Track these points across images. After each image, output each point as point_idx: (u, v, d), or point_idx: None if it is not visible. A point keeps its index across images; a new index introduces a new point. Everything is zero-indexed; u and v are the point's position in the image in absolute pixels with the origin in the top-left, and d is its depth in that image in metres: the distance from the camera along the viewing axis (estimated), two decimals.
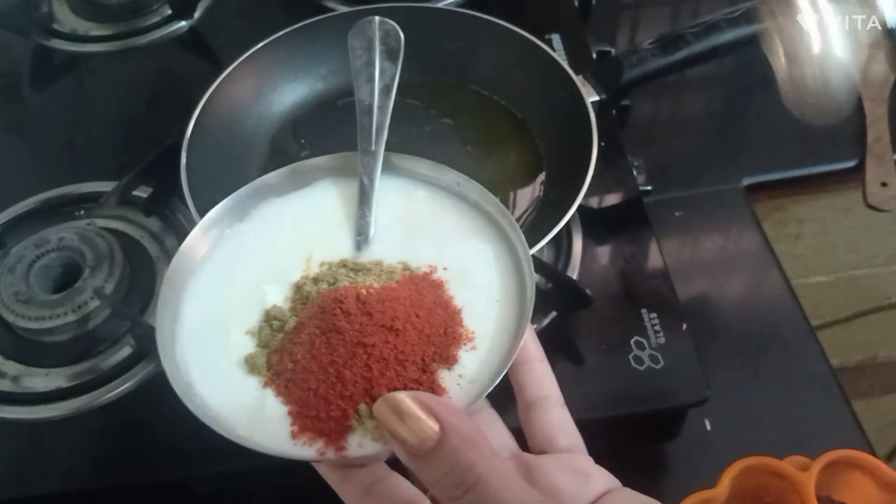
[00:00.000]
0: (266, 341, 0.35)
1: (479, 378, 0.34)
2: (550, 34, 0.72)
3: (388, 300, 0.34)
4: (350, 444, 0.32)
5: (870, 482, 0.48)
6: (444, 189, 0.41)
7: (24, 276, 0.57)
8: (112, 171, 0.64)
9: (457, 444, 0.27)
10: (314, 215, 0.41)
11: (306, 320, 0.35)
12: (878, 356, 0.94)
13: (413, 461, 0.28)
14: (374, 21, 0.47)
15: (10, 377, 0.55)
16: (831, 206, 0.74)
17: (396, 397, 0.29)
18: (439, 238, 0.39)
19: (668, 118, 0.80)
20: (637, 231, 0.62)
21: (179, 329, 0.36)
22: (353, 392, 0.32)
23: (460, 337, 0.35)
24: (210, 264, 0.39)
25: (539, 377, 0.37)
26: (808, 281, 0.82)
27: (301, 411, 0.33)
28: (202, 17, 0.82)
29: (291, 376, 0.34)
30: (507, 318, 0.36)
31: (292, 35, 0.64)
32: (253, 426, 0.33)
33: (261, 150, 0.63)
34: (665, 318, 0.56)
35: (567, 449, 0.36)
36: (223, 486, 0.55)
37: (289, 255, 0.39)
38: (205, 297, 0.37)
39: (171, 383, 0.33)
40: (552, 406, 0.37)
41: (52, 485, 0.52)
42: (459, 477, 0.27)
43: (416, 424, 0.28)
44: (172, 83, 0.78)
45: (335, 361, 0.33)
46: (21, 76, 0.82)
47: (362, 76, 0.45)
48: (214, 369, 0.35)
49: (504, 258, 0.38)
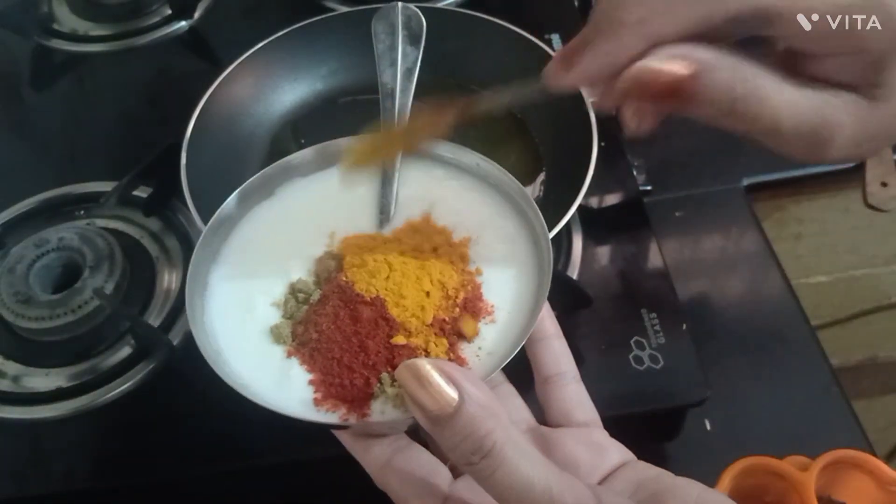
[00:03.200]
0: (291, 313, 0.36)
1: (497, 350, 0.35)
2: (550, 34, 0.72)
3: (410, 273, 0.36)
4: (373, 411, 0.33)
5: (870, 482, 0.48)
6: (463, 170, 0.42)
7: (24, 276, 0.57)
8: (112, 171, 0.64)
9: (475, 412, 0.28)
10: (337, 194, 0.42)
11: (330, 293, 0.36)
12: (878, 356, 0.94)
13: (432, 427, 0.29)
14: (398, 6, 0.48)
15: (10, 377, 0.55)
16: (831, 206, 0.74)
17: (417, 363, 0.29)
18: (459, 215, 0.40)
19: (668, 118, 0.80)
20: (637, 231, 0.62)
21: (208, 301, 0.37)
22: (375, 361, 0.34)
23: (480, 310, 0.36)
24: (237, 239, 0.40)
25: (556, 353, 0.38)
26: (808, 281, 0.82)
27: (325, 379, 0.34)
28: (202, 17, 0.82)
29: (316, 346, 0.35)
30: (525, 293, 0.36)
31: (292, 35, 0.64)
32: (278, 393, 0.34)
33: (261, 150, 0.63)
34: (665, 318, 0.56)
35: (584, 423, 0.37)
36: (223, 486, 0.55)
37: (313, 232, 0.40)
38: (232, 270, 0.38)
39: (202, 351, 0.34)
40: (569, 382, 0.37)
41: (52, 485, 0.52)
42: (476, 443, 0.28)
43: (436, 391, 0.28)
44: (172, 83, 0.78)
45: (358, 332, 0.34)
46: (21, 76, 0.82)
47: (385, 60, 0.46)
48: (241, 339, 0.36)
49: (522, 235, 0.39)
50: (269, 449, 0.52)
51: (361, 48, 0.65)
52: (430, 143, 0.42)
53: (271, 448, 0.52)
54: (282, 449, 0.52)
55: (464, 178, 0.42)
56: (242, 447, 0.52)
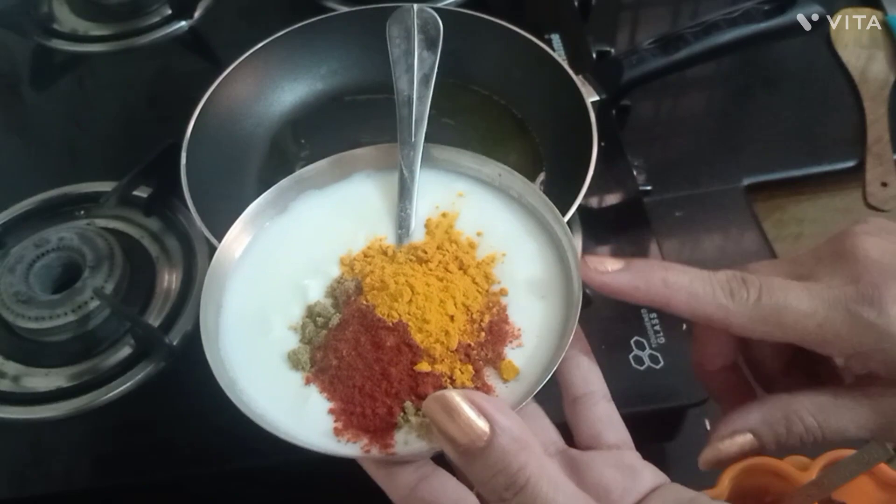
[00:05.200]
0: (310, 337, 0.35)
1: (525, 377, 0.33)
2: (550, 34, 0.72)
3: (433, 295, 0.34)
4: (396, 441, 0.32)
5: (870, 482, 0.48)
6: (485, 182, 0.40)
7: (24, 276, 0.57)
8: (112, 171, 0.64)
9: (507, 446, 0.27)
10: (354, 208, 0.40)
11: (350, 317, 0.35)
12: None
13: (462, 460, 0.28)
14: (413, 9, 0.46)
15: (10, 377, 0.55)
16: (831, 206, 0.74)
17: (447, 395, 0.28)
18: (481, 231, 0.38)
19: (668, 118, 0.80)
20: (637, 231, 0.62)
21: (223, 323, 0.36)
22: (398, 389, 0.32)
23: (506, 334, 0.35)
24: (251, 258, 0.38)
25: (585, 372, 0.36)
26: None
27: (346, 408, 0.33)
28: (202, 17, 0.82)
29: (336, 373, 0.34)
30: (554, 314, 0.35)
31: (292, 35, 0.64)
32: (296, 422, 0.33)
33: (261, 151, 0.63)
34: (665, 318, 0.55)
35: (614, 445, 0.35)
36: (223, 486, 0.55)
37: (330, 249, 0.38)
38: (247, 291, 0.37)
39: (217, 378, 0.33)
40: (599, 401, 0.36)
41: (52, 485, 0.52)
42: (509, 479, 0.27)
43: (467, 423, 0.27)
44: (172, 83, 0.78)
45: (380, 359, 0.33)
46: (21, 76, 0.82)
47: (401, 65, 0.44)
48: (257, 365, 0.35)
49: (548, 253, 0.37)
50: (269, 449, 0.52)
51: (361, 48, 0.65)
52: (448, 151, 0.41)
53: (271, 448, 0.52)
54: (282, 449, 0.52)
55: (485, 190, 0.40)
56: (242, 447, 0.52)
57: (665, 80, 0.62)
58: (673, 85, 0.79)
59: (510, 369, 0.34)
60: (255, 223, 0.39)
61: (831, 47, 0.80)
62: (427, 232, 0.39)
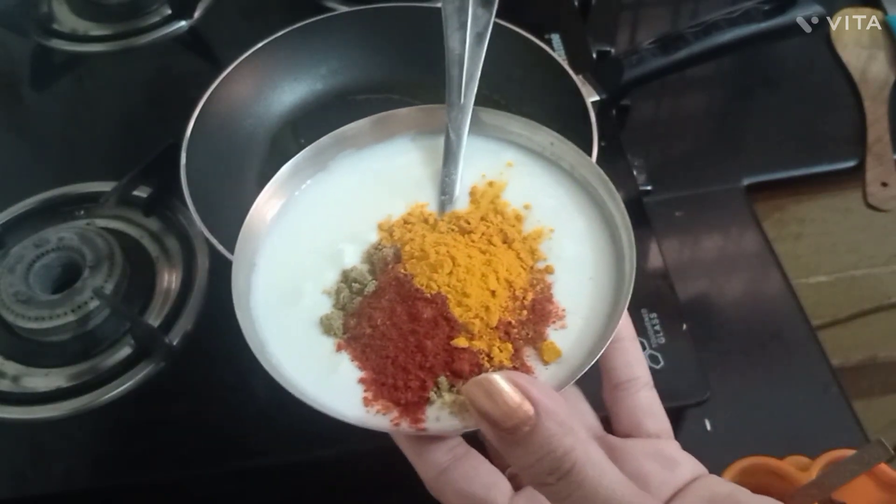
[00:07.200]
0: (344, 303, 0.34)
1: (568, 359, 0.32)
2: (550, 34, 0.72)
3: (475, 268, 0.33)
4: (427, 417, 0.30)
5: (870, 482, 0.48)
6: (535, 152, 0.38)
7: (24, 276, 0.57)
8: (112, 171, 0.64)
9: (552, 430, 0.26)
10: (395, 173, 0.38)
11: (387, 285, 0.33)
12: (878, 356, 0.94)
13: (504, 444, 0.27)
14: None
15: (10, 377, 0.55)
16: (831, 206, 0.74)
17: (490, 378, 0.26)
18: (529, 203, 0.37)
19: (668, 118, 0.80)
20: (637, 231, 0.61)
21: (255, 284, 0.35)
22: (433, 363, 0.31)
23: (550, 314, 0.33)
24: (287, 219, 0.37)
25: (630, 358, 0.35)
26: (808, 281, 0.82)
27: (377, 378, 0.32)
28: (202, 17, 0.82)
29: (369, 341, 0.32)
30: (601, 296, 0.33)
31: (292, 35, 0.64)
32: (324, 389, 0.32)
33: (261, 151, 0.63)
34: (665, 318, 0.55)
35: (655, 434, 0.34)
36: (223, 486, 0.55)
37: (368, 214, 0.37)
38: (280, 253, 0.36)
39: (247, 340, 0.32)
40: (641, 388, 0.35)
41: (52, 485, 0.52)
42: (554, 463, 0.26)
43: (510, 407, 0.26)
44: (172, 83, 0.78)
45: (416, 330, 0.32)
46: (21, 76, 0.82)
47: (453, 22, 0.41)
48: (289, 328, 0.34)
49: (599, 230, 0.36)
50: (269, 449, 0.52)
51: (361, 48, 0.65)
52: (498, 116, 0.38)
53: (271, 448, 0.52)
54: (282, 449, 0.52)
55: (535, 161, 0.38)
56: (242, 447, 0.52)
57: (665, 80, 0.62)
58: (673, 85, 0.79)
59: (552, 351, 0.32)
60: (292, 183, 0.37)
61: (831, 47, 0.80)
62: (472, 201, 0.37)
